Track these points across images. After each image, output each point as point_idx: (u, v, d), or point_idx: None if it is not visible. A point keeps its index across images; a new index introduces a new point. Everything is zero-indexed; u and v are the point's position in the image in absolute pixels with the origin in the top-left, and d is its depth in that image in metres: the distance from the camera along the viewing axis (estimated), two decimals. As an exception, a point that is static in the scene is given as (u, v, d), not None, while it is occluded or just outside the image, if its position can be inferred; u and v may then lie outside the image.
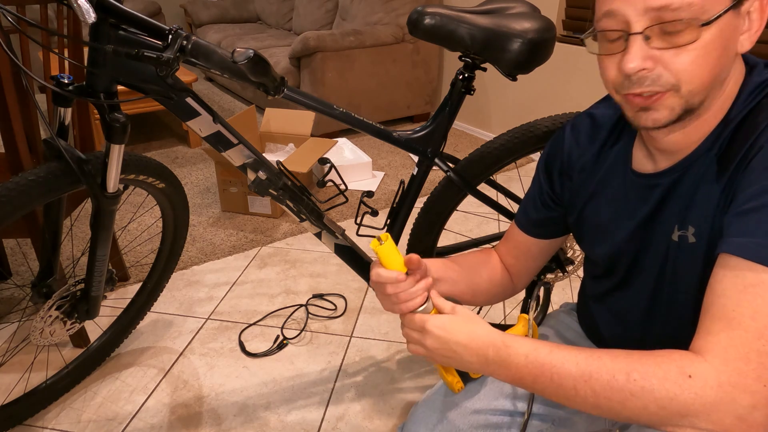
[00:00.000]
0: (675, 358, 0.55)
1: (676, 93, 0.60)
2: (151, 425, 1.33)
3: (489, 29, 1.05)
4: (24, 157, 1.27)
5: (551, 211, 0.87)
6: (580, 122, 0.82)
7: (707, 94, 0.61)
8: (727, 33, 0.58)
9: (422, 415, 0.80)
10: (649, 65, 0.59)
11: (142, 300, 1.53)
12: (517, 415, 0.79)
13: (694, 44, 0.57)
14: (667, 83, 0.59)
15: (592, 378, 0.57)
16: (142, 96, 0.97)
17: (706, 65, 0.58)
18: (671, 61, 0.58)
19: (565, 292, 1.85)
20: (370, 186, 2.66)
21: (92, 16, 0.85)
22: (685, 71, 0.58)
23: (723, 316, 0.54)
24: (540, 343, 0.63)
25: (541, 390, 0.62)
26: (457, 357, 0.67)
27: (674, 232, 0.68)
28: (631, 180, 0.73)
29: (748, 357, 0.52)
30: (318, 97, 1.10)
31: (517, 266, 0.93)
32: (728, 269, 0.55)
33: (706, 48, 0.57)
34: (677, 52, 0.58)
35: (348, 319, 1.72)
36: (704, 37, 0.57)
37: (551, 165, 0.85)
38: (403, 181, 1.25)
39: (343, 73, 3.11)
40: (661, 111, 0.61)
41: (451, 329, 0.67)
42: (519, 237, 0.92)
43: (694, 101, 0.60)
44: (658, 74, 0.59)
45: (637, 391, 0.55)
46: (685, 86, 0.59)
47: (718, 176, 0.62)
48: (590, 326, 0.90)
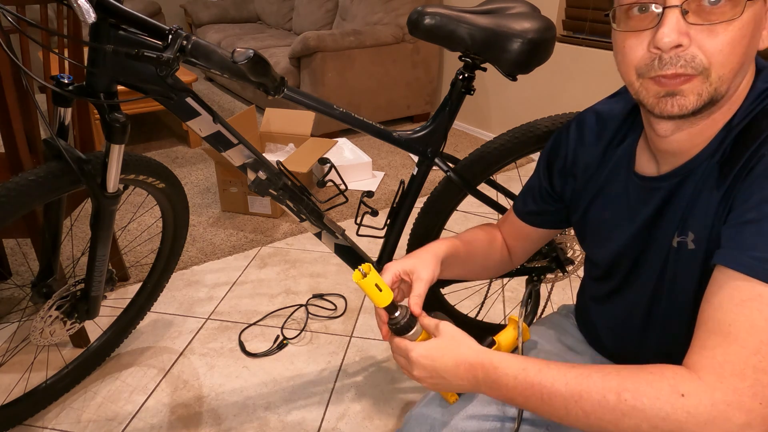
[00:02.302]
0: (668, 375, 0.53)
1: (705, 79, 0.57)
2: (151, 425, 1.33)
3: (489, 29, 1.04)
4: (24, 157, 1.27)
5: (548, 205, 0.87)
6: (586, 119, 0.80)
7: (730, 85, 0.59)
8: (758, 19, 0.57)
9: (416, 422, 0.79)
10: (685, 42, 0.56)
11: (142, 300, 1.53)
12: (508, 421, 0.79)
13: (733, 24, 0.55)
14: (700, 65, 0.56)
15: (582, 398, 0.56)
16: (142, 96, 0.97)
17: (740, 48, 0.56)
18: (706, 41, 0.55)
19: (565, 292, 1.85)
20: (370, 186, 2.66)
21: (92, 16, 0.85)
22: (721, 52, 0.55)
23: (719, 331, 0.53)
24: (530, 362, 0.62)
25: (533, 409, 0.61)
26: (445, 382, 0.67)
27: (674, 237, 0.67)
28: (633, 182, 0.72)
29: (743, 373, 0.50)
30: (318, 97, 1.10)
31: (516, 247, 0.95)
32: (724, 282, 0.54)
33: (742, 30, 0.55)
34: (713, 32, 0.55)
35: (348, 319, 1.72)
36: (743, 17, 0.55)
37: (552, 162, 0.84)
38: (403, 181, 1.24)
39: (343, 73, 3.11)
40: (688, 96, 0.58)
41: (436, 356, 0.67)
42: (515, 222, 0.93)
43: (721, 89, 0.58)
44: (693, 54, 0.56)
45: (629, 411, 0.53)
46: (716, 71, 0.56)
47: (719, 183, 0.61)
48: (589, 328, 0.90)
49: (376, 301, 0.70)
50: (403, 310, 0.72)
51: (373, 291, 0.69)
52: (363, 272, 0.69)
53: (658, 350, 0.75)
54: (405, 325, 0.71)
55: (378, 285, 0.69)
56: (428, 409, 0.80)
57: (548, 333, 0.93)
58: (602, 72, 2.61)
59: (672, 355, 0.57)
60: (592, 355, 0.89)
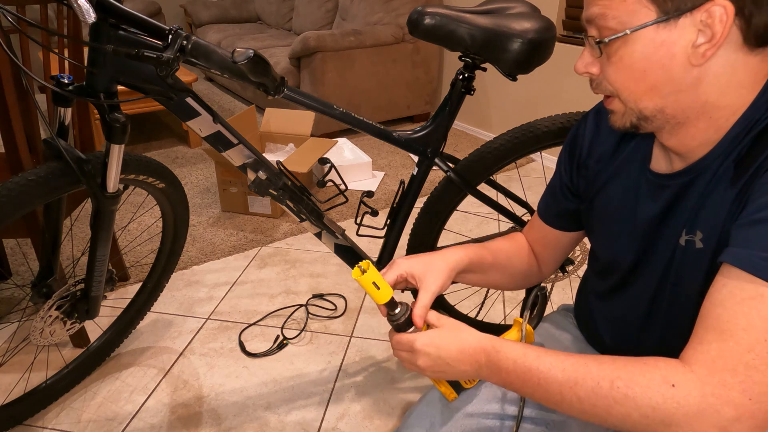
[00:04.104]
0: (660, 366, 0.55)
1: (619, 100, 0.63)
2: (151, 425, 1.33)
3: (489, 29, 1.05)
4: (24, 157, 1.27)
5: (569, 203, 0.86)
6: (604, 108, 0.79)
7: (659, 105, 0.61)
8: (653, 47, 0.58)
9: (415, 420, 0.80)
10: (594, 70, 0.64)
11: (142, 300, 1.53)
12: (508, 419, 0.79)
13: (616, 56, 0.60)
14: (607, 90, 0.64)
15: (577, 384, 0.58)
16: (142, 96, 0.97)
17: (631, 77, 0.60)
18: (604, 70, 0.63)
19: (565, 292, 1.85)
20: (370, 186, 2.66)
21: (92, 16, 0.85)
22: (615, 81, 0.62)
23: (716, 327, 0.54)
24: (530, 348, 0.63)
25: (529, 394, 0.62)
26: (450, 369, 0.68)
27: (682, 236, 0.66)
28: (645, 177, 0.72)
29: (735, 369, 0.51)
30: (318, 97, 1.10)
31: (544, 255, 0.93)
32: (728, 280, 0.55)
33: (624, 61, 0.60)
34: (607, 62, 0.62)
35: (348, 319, 1.72)
36: (623, 50, 0.59)
37: (572, 154, 0.83)
38: (403, 181, 1.25)
39: (343, 73, 3.11)
40: (614, 114, 0.66)
41: (440, 344, 0.67)
42: (541, 227, 0.91)
43: (642, 109, 0.62)
44: (599, 81, 0.64)
45: (621, 398, 0.55)
46: (622, 95, 0.62)
47: (733, 182, 0.61)
48: (588, 326, 0.89)
49: (375, 299, 0.71)
50: (403, 307, 0.72)
51: (371, 288, 0.70)
52: (362, 269, 0.69)
53: (658, 348, 0.75)
54: (405, 322, 0.71)
55: (376, 283, 0.70)
56: (428, 407, 0.80)
57: (546, 331, 0.93)
58: (602, 72, 2.61)
59: (672, 353, 0.57)
60: (591, 353, 0.89)
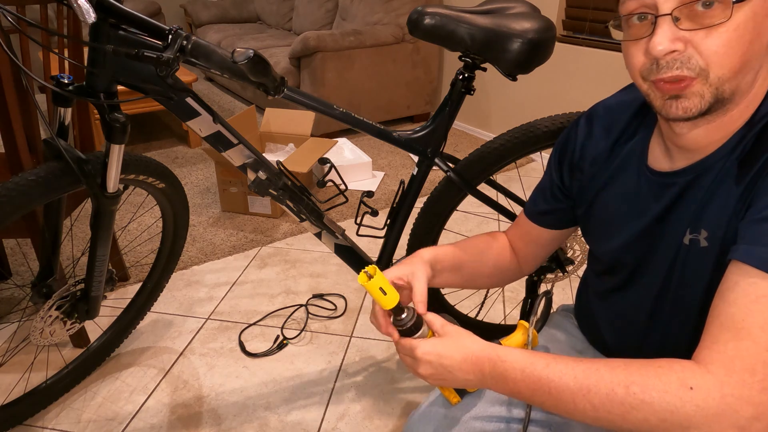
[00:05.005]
0: (676, 369, 0.54)
1: (705, 80, 0.57)
2: (151, 425, 1.33)
3: (489, 29, 1.05)
4: (24, 157, 1.27)
5: (559, 203, 0.86)
6: (596, 113, 0.80)
7: (737, 84, 0.58)
8: (761, 15, 0.56)
9: (420, 422, 0.79)
10: (680, 47, 0.56)
11: (142, 300, 1.53)
12: (514, 422, 0.79)
13: (726, 24, 0.54)
14: (697, 66, 0.56)
15: (590, 392, 0.56)
16: (142, 96, 0.97)
17: (738, 48, 0.55)
18: (701, 42, 0.55)
19: (566, 292, 1.85)
20: (370, 186, 2.66)
21: (92, 16, 0.85)
22: (716, 54, 0.55)
23: (731, 326, 0.53)
24: (537, 356, 0.62)
25: (539, 404, 0.61)
26: (452, 377, 0.67)
27: (686, 234, 0.66)
28: (645, 177, 0.71)
29: (754, 368, 0.50)
30: (318, 97, 1.10)
31: (525, 251, 0.92)
32: (740, 277, 0.54)
33: (737, 29, 0.54)
34: (708, 34, 0.55)
35: (348, 319, 1.72)
36: (736, 17, 0.54)
37: (563, 156, 0.83)
38: (403, 181, 1.25)
39: (343, 73, 3.11)
40: (691, 99, 0.58)
41: (442, 352, 0.66)
42: (525, 224, 0.91)
43: (724, 90, 0.57)
44: (689, 56, 0.56)
45: (637, 404, 0.54)
46: (714, 71, 0.56)
47: (738, 180, 0.60)
48: (590, 326, 0.89)
49: (382, 304, 0.69)
50: (409, 312, 0.71)
51: (378, 294, 0.69)
52: (369, 274, 0.68)
53: (661, 347, 0.74)
54: (412, 327, 0.70)
55: (383, 288, 0.69)
56: (433, 409, 0.80)
57: (549, 334, 0.93)
58: (602, 72, 2.61)
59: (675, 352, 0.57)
60: (593, 354, 0.89)
